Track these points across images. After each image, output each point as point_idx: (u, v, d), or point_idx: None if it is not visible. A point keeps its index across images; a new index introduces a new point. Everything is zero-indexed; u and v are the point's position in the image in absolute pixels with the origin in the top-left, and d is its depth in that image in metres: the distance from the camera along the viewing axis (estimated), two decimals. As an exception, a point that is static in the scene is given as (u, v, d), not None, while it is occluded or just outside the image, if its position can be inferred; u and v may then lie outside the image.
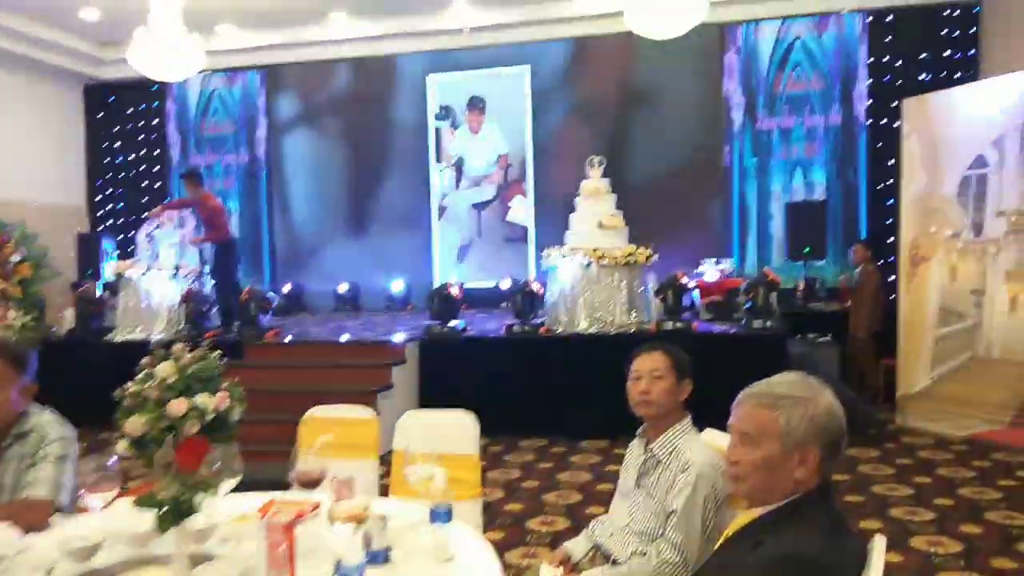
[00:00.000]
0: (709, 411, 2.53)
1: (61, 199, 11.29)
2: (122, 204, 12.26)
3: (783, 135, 9.95)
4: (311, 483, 2.07)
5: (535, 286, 6.93)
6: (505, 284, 9.32)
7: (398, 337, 6.88)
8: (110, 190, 12.25)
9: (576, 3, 9.86)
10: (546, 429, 6.53)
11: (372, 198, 11.12)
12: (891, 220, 8.62)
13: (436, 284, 10.29)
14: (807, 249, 7.72)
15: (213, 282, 7.77)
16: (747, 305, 6.64)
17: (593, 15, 9.81)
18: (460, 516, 2.64)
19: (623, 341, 6.46)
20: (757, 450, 1.62)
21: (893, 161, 7.20)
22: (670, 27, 7.57)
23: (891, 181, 8.80)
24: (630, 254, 6.67)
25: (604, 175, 7.16)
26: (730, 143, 10.01)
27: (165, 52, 8.63)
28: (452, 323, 6.98)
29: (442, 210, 10.64)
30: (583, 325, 6.65)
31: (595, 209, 6.92)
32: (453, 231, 10.50)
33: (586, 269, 6.66)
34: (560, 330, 6.75)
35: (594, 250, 6.62)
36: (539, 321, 6.89)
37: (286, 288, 11.25)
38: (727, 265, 7.76)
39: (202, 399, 1.82)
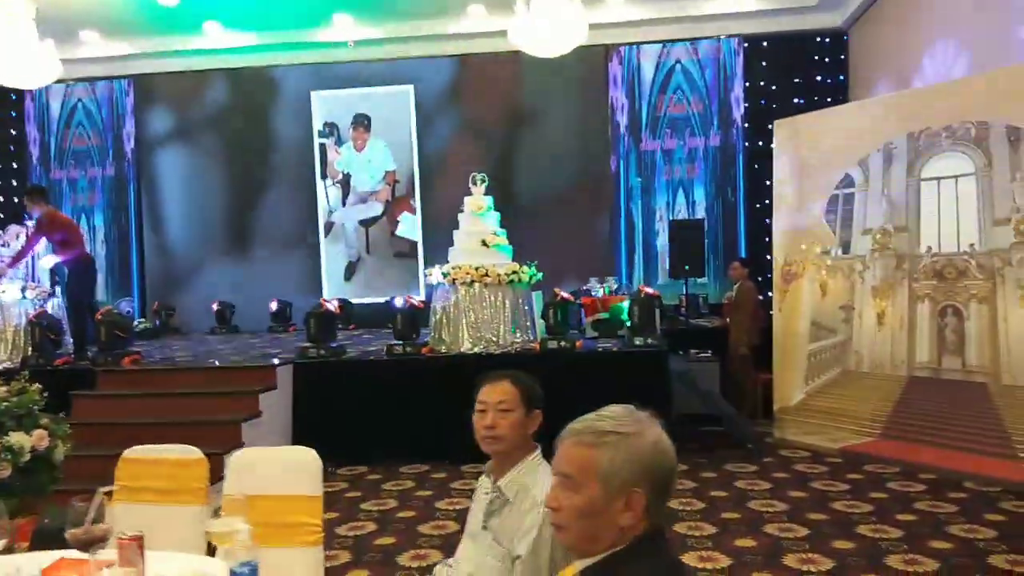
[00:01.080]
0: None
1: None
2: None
3: (666, 156, 10.14)
4: (89, 543, 1.75)
5: (416, 302, 6.67)
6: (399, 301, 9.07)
7: (271, 361, 6.50)
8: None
9: (461, 21, 9.77)
10: (428, 455, 6.28)
11: (254, 215, 10.71)
12: (769, 239, 8.87)
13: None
14: (687, 267, 7.79)
15: (66, 304, 7.13)
16: (627, 323, 6.63)
17: (478, 32, 9.76)
18: (295, 566, 2.39)
19: (508, 361, 6.32)
20: (577, 494, 1.41)
21: (770, 182, 7.42)
22: (553, 45, 7.57)
23: (768, 201, 9.06)
24: (513, 272, 6.54)
25: (490, 192, 7.03)
26: (616, 163, 10.13)
27: (17, 58, 8.01)
28: (332, 344, 6.65)
29: (329, 227, 10.37)
30: (467, 345, 6.46)
31: (478, 227, 6.77)
32: (341, 248, 10.27)
33: (469, 288, 6.48)
34: (444, 350, 6.54)
35: (476, 268, 6.46)
36: (422, 341, 6.66)
37: (155, 309, 10.67)
38: (612, 283, 7.74)
39: (17, 438, 1.53)
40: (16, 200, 11.33)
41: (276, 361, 6.45)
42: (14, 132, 11.42)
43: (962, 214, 5.53)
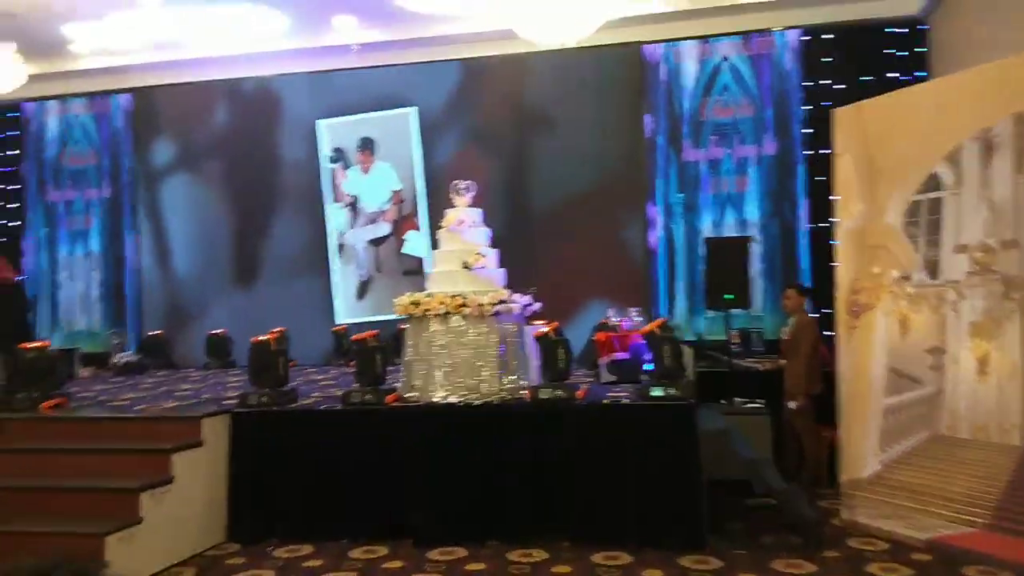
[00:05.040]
0: None
1: None
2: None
3: (712, 167, 8.72)
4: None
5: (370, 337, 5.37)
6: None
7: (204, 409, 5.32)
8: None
9: (464, 22, 8.80)
10: (387, 533, 4.97)
11: (260, 241, 9.93)
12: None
13: (337, 326, 9.23)
14: (728, 295, 6.33)
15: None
16: (647, 367, 5.23)
17: (483, 32, 8.75)
18: None
19: (490, 415, 5.00)
20: None
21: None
22: (563, 32, 6.37)
23: (834, 218, 7.64)
24: (501, 301, 5.23)
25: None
26: (652, 176, 8.77)
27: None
28: (281, 388, 5.44)
29: (340, 248, 9.83)
30: (440, 394, 5.16)
31: (459, 245, 5.50)
32: (352, 269, 9.84)
33: (444, 321, 5.20)
34: (414, 398, 5.25)
35: (452, 297, 5.17)
36: (388, 387, 5.39)
37: (145, 341, 9.76)
38: (635, 314, 6.33)
39: None
40: (16, 224, 10.69)
41: (213, 407, 5.28)
42: (12, 152, 10.77)
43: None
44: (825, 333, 6.58)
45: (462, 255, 5.40)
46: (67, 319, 10.37)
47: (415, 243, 9.49)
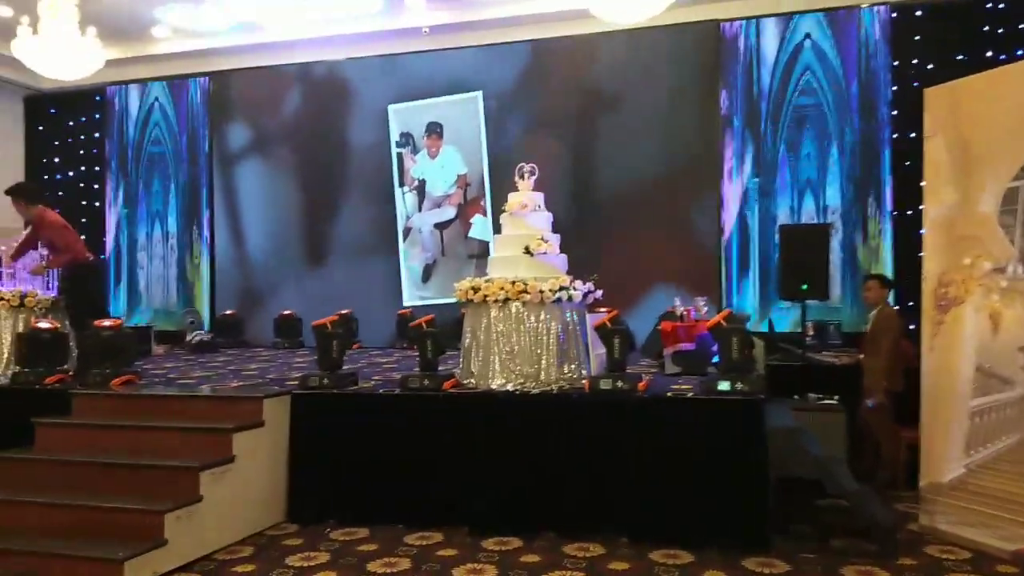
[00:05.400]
0: None
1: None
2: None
3: (791, 151, 8.34)
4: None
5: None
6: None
7: (268, 389, 5.37)
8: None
9: (534, 1, 8.80)
10: (443, 519, 4.92)
11: (331, 222, 10.12)
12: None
13: (403, 309, 9.27)
14: (804, 285, 6.02)
15: (68, 315, 6.34)
16: (714, 359, 5.02)
17: (552, 11, 8.75)
18: None
19: (546, 404, 4.88)
20: None
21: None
22: (637, 9, 6.16)
23: (922, 205, 7.23)
24: (562, 288, 5.09)
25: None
26: (725, 159, 8.45)
27: (52, 47, 7.47)
28: (340, 371, 5.45)
29: (407, 232, 9.93)
30: (498, 381, 5.07)
31: (521, 230, 5.37)
32: (418, 252, 9.92)
33: (503, 308, 5.09)
34: (471, 385, 5.17)
35: (513, 283, 5.05)
36: (446, 373, 5.33)
37: (219, 321, 10.01)
38: (702, 303, 6.09)
39: None
40: (97, 206, 11.09)
41: (276, 389, 5.32)
42: (96, 135, 11.16)
43: None
44: (909, 328, 6.23)
45: (524, 240, 5.28)
46: (145, 298, 10.73)
47: (481, 227, 9.48)
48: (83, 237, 10.78)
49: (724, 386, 4.63)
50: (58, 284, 6.35)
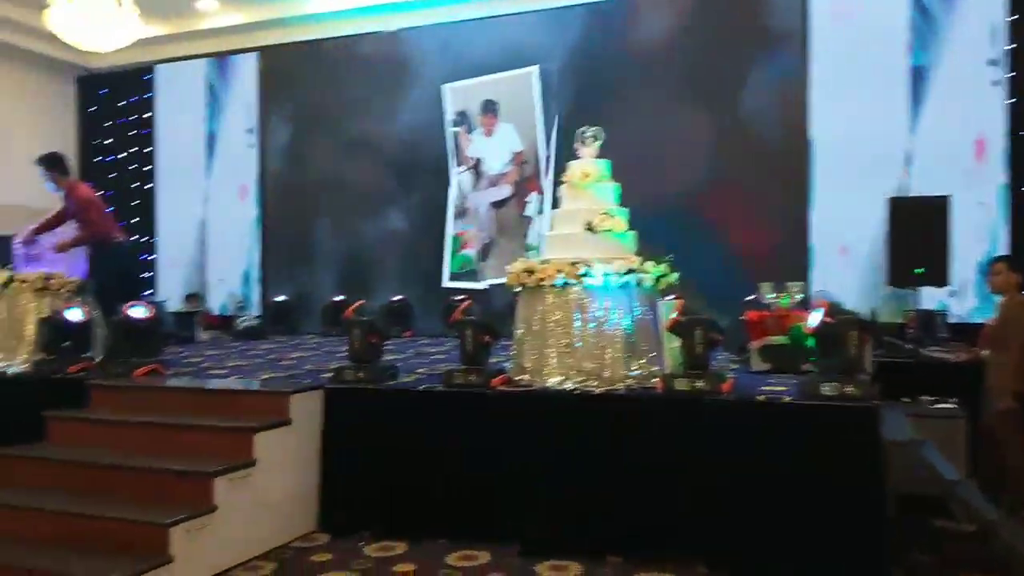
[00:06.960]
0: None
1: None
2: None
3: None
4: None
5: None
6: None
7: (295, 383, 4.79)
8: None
9: None
10: (491, 535, 4.27)
11: (386, 205, 9.63)
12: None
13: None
14: (919, 269, 5.12)
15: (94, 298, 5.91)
16: (812, 357, 4.21)
17: None
18: None
19: (611, 407, 4.16)
20: None
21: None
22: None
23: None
24: (630, 271, 4.34)
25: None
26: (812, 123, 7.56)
27: (86, 16, 7.07)
28: (377, 364, 4.83)
29: (463, 212, 9.47)
30: (554, 378, 4.36)
31: (583, 203, 4.64)
32: (473, 232, 9.45)
33: (560, 294, 4.38)
34: (525, 381, 4.49)
35: (572, 264, 4.34)
36: (497, 368, 4.66)
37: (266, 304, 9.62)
38: (795, 290, 5.24)
39: None
40: (149, 187, 10.83)
41: (306, 383, 4.74)
42: (146, 115, 10.88)
43: None
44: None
45: (586, 215, 4.54)
46: (193, 282, 10.41)
47: (538, 205, 8.97)
48: (136, 219, 10.69)
49: (828, 389, 3.82)
50: (87, 262, 5.93)
